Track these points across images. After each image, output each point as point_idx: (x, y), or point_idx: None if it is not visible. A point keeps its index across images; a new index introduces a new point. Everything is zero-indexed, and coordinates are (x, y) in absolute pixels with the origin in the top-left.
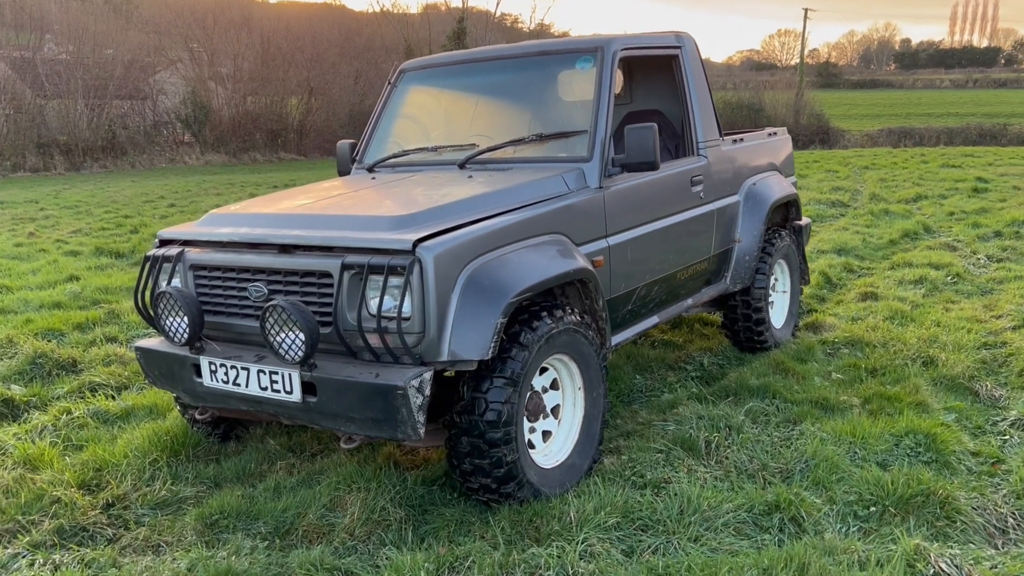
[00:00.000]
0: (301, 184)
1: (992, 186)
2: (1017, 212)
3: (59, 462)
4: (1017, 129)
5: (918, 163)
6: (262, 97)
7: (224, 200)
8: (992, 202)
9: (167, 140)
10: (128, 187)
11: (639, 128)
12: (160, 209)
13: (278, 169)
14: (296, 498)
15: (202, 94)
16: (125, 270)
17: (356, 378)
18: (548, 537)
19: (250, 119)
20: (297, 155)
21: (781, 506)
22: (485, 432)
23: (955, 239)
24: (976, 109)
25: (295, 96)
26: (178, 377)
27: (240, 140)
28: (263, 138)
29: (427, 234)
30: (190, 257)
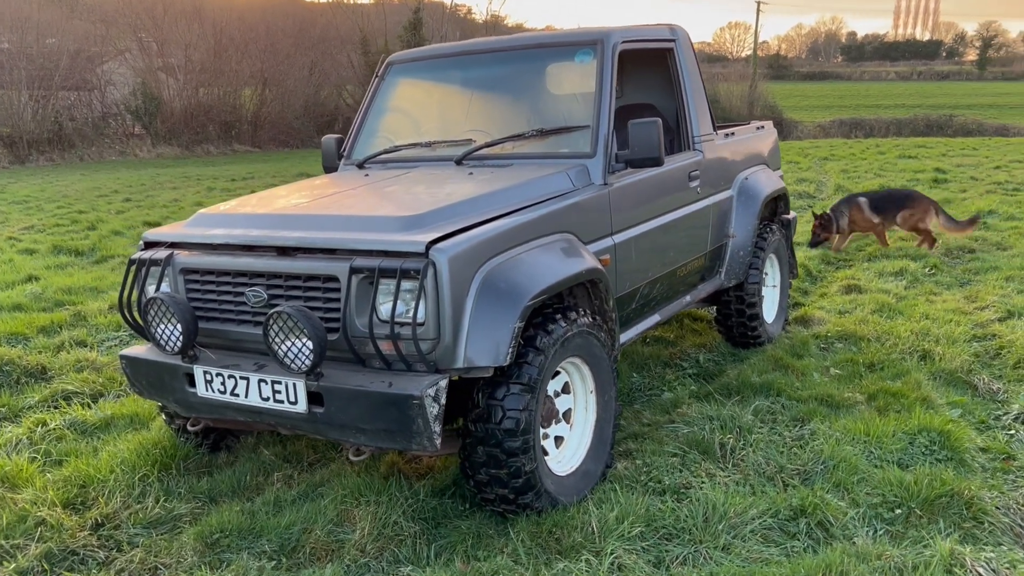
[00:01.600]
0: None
1: (950, 176)
2: (981, 203)
3: (40, 479)
4: (962, 120)
5: (875, 154)
6: (215, 88)
7: (181, 195)
8: (954, 193)
9: (116, 132)
10: (78, 181)
11: (643, 123)
12: (115, 204)
13: (233, 161)
14: (300, 513)
15: (152, 85)
16: (87, 269)
17: (367, 387)
18: (571, 549)
19: (203, 111)
20: (252, 147)
21: (806, 510)
22: (503, 441)
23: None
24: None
25: (249, 87)
26: (169, 387)
27: (193, 132)
28: (216, 130)
29: (440, 235)
30: (180, 260)
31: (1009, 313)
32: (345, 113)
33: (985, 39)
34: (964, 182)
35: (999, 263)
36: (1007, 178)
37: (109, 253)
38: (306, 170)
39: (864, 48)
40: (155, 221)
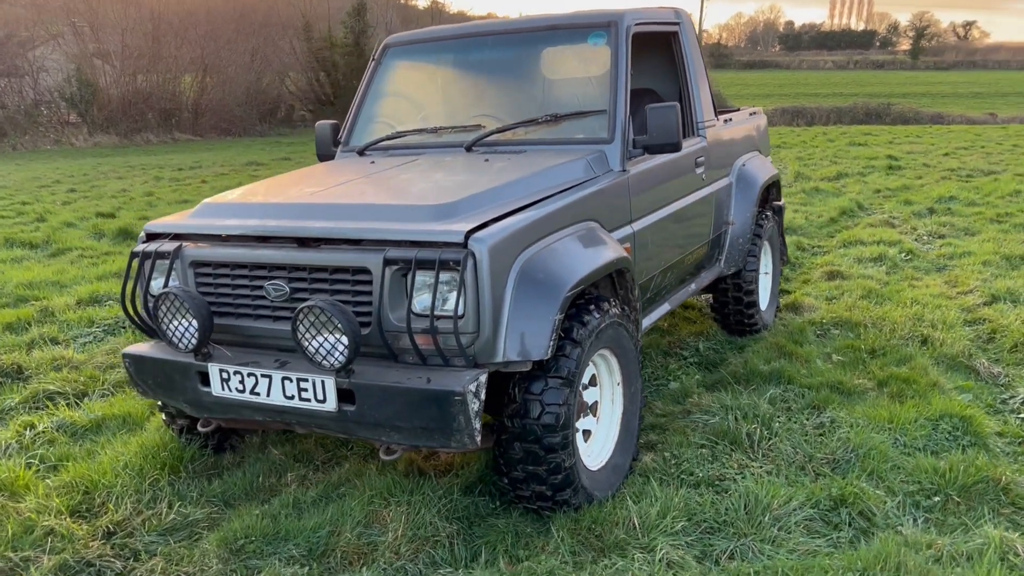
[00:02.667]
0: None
1: (903, 163)
2: (939, 189)
3: (40, 486)
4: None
5: (824, 141)
6: (153, 75)
7: (128, 184)
8: (910, 180)
9: (50, 120)
10: (15, 171)
11: (661, 108)
12: (60, 195)
13: (175, 150)
14: (325, 515)
15: (88, 72)
16: (43, 262)
17: (404, 384)
18: (615, 546)
19: (141, 98)
20: (193, 136)
21: (846, 500)
22: (542, 437)
23: (890, 216)
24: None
25: (188, 74)
26: (179, 387)
27: (131, 120)
28: (156, 118)
29: (477, 225)
30: (190, 253)
31: (993, 297)
32: (288, 100)
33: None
34: (918, 169)
35: (971, 248)
36: (958, 165)
37: (65, 246)
38: (254, 159)
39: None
40: (108, 212)
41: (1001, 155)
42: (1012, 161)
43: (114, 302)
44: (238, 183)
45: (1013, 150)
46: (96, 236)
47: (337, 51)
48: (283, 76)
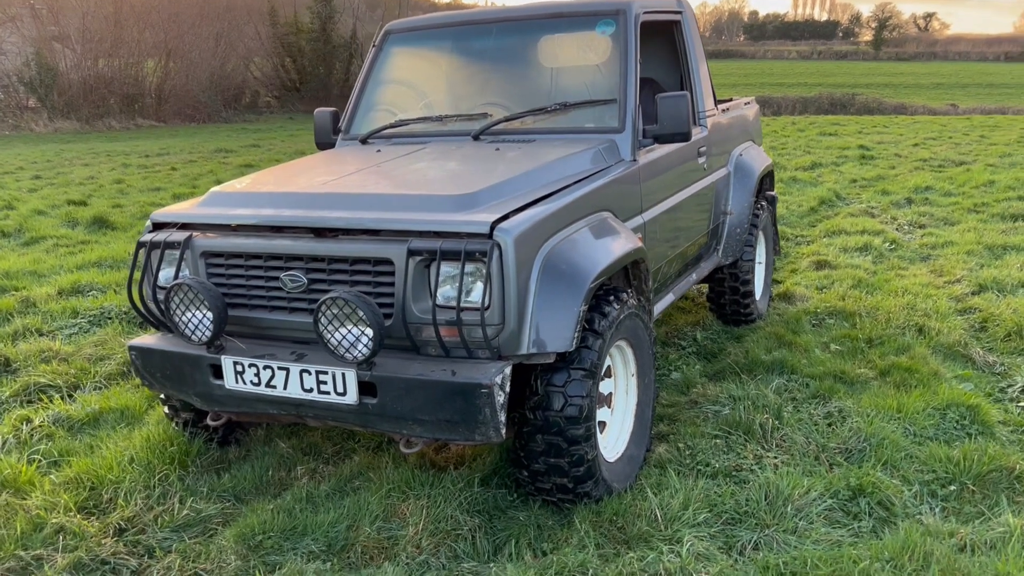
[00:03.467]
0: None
1: (876, 153)
2: (915, 179)
3: (44, 482)
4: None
5: (795, 131)
6: (115, 59)
7: (96, 171)
8: (884, 170)
9: (8, 105)
10: None
11: (672, 97)
12: (24, 181)
13: (138, 137)
14: (341, 509)
15: (47, 55)
16: (18, 251)
17: (428, 376)
18: (639, 539)
19: (103, 83)
20: (156, 122)
21: (865, 490)
22: (565, 429)
23: (869, 205)
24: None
25: (151, 59)
26: (189, 380)
27: (92, 105)
28: (118, 103)
29: (501, 215)
30: (201, 243)
31: (981, 287)
32: (253, 86)
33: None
34: (890, 159)
35: (952, 238)
36: (929, 155)
37: (39, 234)
38: (222, 146)
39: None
40: (78, 200)
41: (969, 145)
42: (980, 151)
43: (97, 292)
44: (209, 171)
45: (980, 140)
46: (69, 224)
47: (303, 37)
48: (248, 62)
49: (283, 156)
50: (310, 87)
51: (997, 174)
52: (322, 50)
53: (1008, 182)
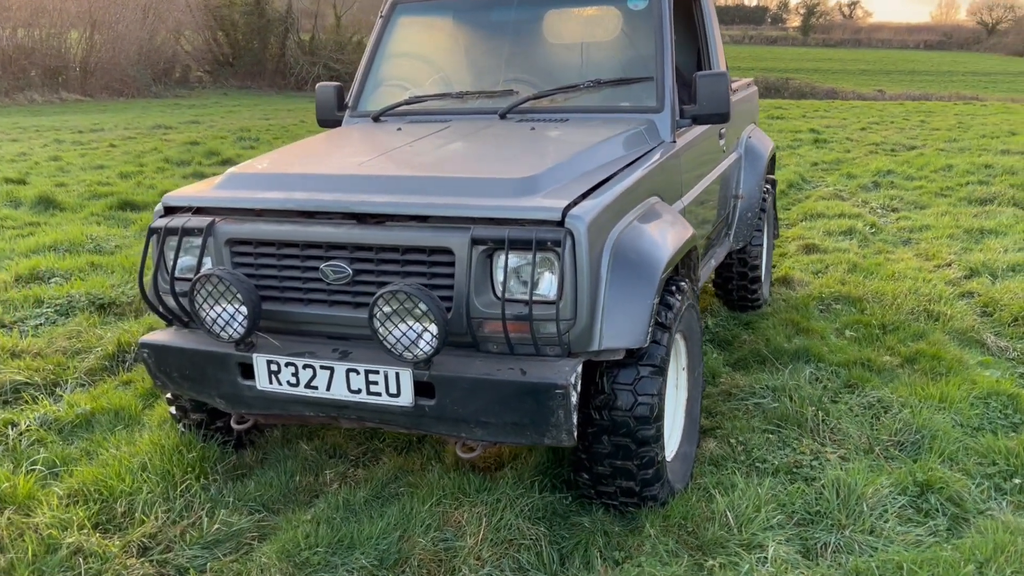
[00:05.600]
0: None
1: (827, 137)
2: (875, 163)
3: (47, 495)
4: (796, 84)
5: None
6: (35, 29)
7: (27, 147)
8: (841, 153)
9: None
10: None
11: (711, 75)
12: None
13: (65, 111)
14: (387, 519)
15: None
16: None
17: (495, 376)
18: (714, 544)
19: (23, 54)
20: (82, 96)
21: (932, 485)
22: (636, 430)
23: (837, 189)
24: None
25: (75, 30)
26: (213, 380)
27: (12, 78)
28: (40, 76)
29: (571, 200)
30: (226, 229)
31: (972, 271)
32: (183, 60)
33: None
34: (843, 143)
35: (928, 221)
36: (880, 139)
37: None
38: (160, 122)
39: None
40: (16, 178)
41: (913, 130)
42: (925, 136)
43: (60, 279)
44: (153, 148)
45: (922, 125)
46: (12, 204)
47: (236, 9)
48: (178, 35)
49: (227, 134)
50: (244, 62)
51: (951, 159)
52: (256, 24)
53: (965, 167)
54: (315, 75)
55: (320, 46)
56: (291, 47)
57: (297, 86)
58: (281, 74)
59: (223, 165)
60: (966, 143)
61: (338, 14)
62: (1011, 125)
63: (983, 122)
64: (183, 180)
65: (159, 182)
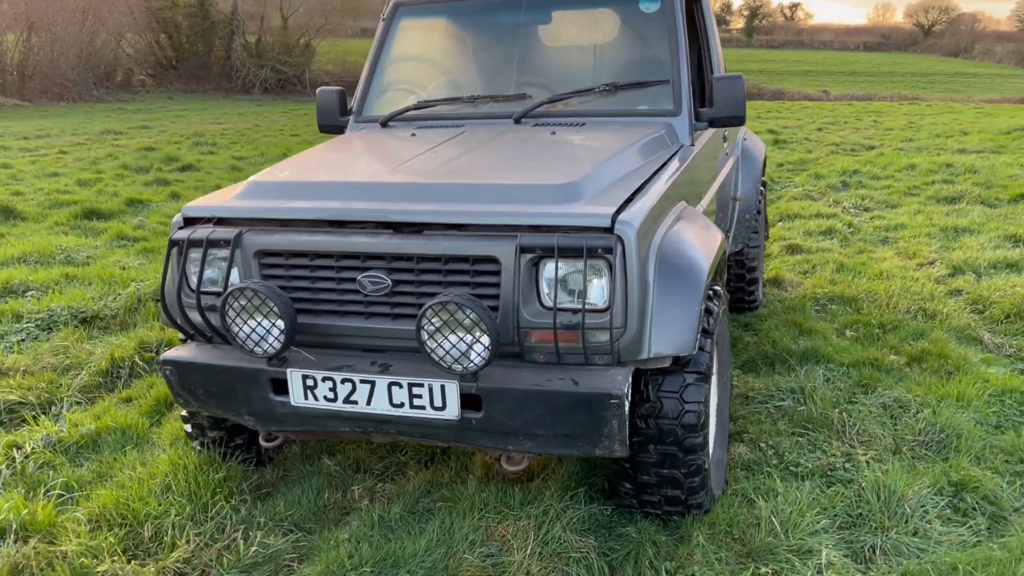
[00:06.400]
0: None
1: (786, 137)
2: (840, 162)
3: (67, 522)
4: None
5: None
6: None
7: None
8: (803, 154)
9: None
10: None
11: (727, 78)
12: None
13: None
14: (429, 535)
15: None
16: None
17: (546, 387)
18: (763, 551)
19: None
20: (21, 100)
21: (967, 485)
22: (683, 438)
23: (807, 189)
24: None
25: (12, 32)
26: (243, 397)
27: None
28: None
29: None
30: (255, 240)
31: (956, 269)
32: (125, 64)
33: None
34: (803, 143)
35: (902, 220)
36: (838, 139)
37: None
38: (109, 127)
39: None
40: None
41: (867, 130)
42: (881, 136)
43: (37, 292)
44: (108, 154)
45: (875, 125)
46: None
47: (179, 11)
48: (119, 37)
49: (181, 139)
50: (188, 65)
51: (912, 158)
52: (200, 26)
53: (928, 166)
54: (262, 78)
55: (267, 48)
56: (237, 50)
57: (244, 89)
58: (227, 77)
59: (185, 171)
60: (922, 143)
61: (284, 16)
62: (959, 124)
63: (932, 121)
64: (145, 187)
65: (121, 189)
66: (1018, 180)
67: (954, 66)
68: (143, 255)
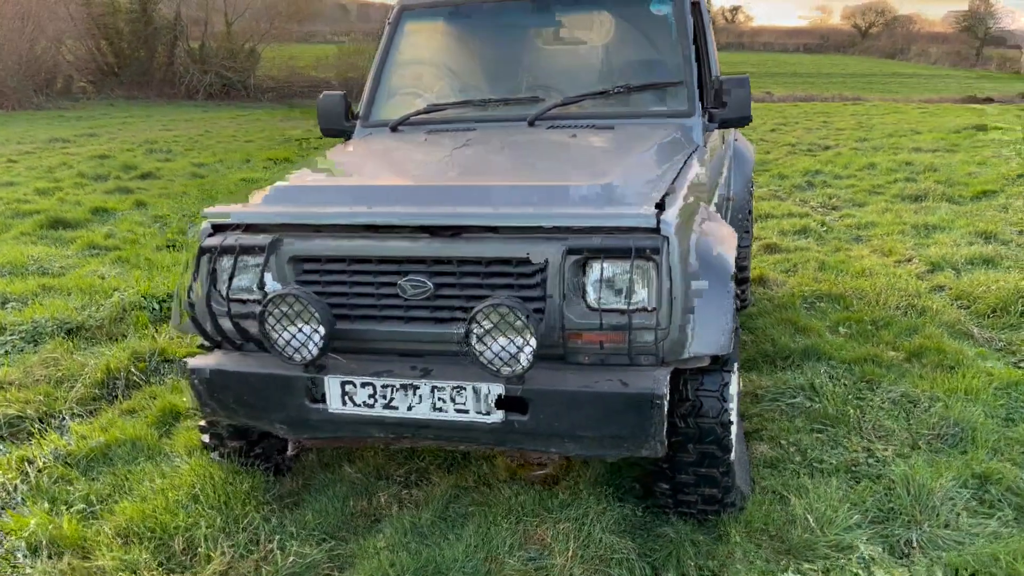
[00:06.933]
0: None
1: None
2: (801, 162)
3: (96, 536)
4: None
5: None
6: None
7: None
8: (761, 155)
9: None
10: None
11: (736, 79)
12: None
13: None
14: (467, 540)
15: None
16: None
17: (595, 388)
18: (803, 548)
19: None
20: None
21: (990, 477)
22: (722, 437)
23: (772, 189)
24: None
25: None
26: (276, 405)
27: None
28: None
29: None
30: (291, 246)
31: (935, 265)
32: (66, 71)
33: None
34: (759, 144)
35: (872, 219)
36: (793, 140)
37: None
38: (56, 135)
39: None
40: None
41: (819, 130)
42: (835, 136)
43: (17, 303)
44: (62, 163)
45: (825, 126)
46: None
47: (121, 17)
48: (59, 44)
49: (133, 146)
50: (130, 71)
51: (871, 157)
52: (143, 32)
53: (888, 165)
54: (206, 83)
55: (211, 54)
56: (180, 55)
57: (188, 95)
58: (170, 83)
59: (145, 179)
60: (877, 142)
61: (229, 21)
62: (908, 124)
63: (881, 121)
64: (108, 195)
65: (83, 198)
66: (977, 178)
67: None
68: (119, 264)
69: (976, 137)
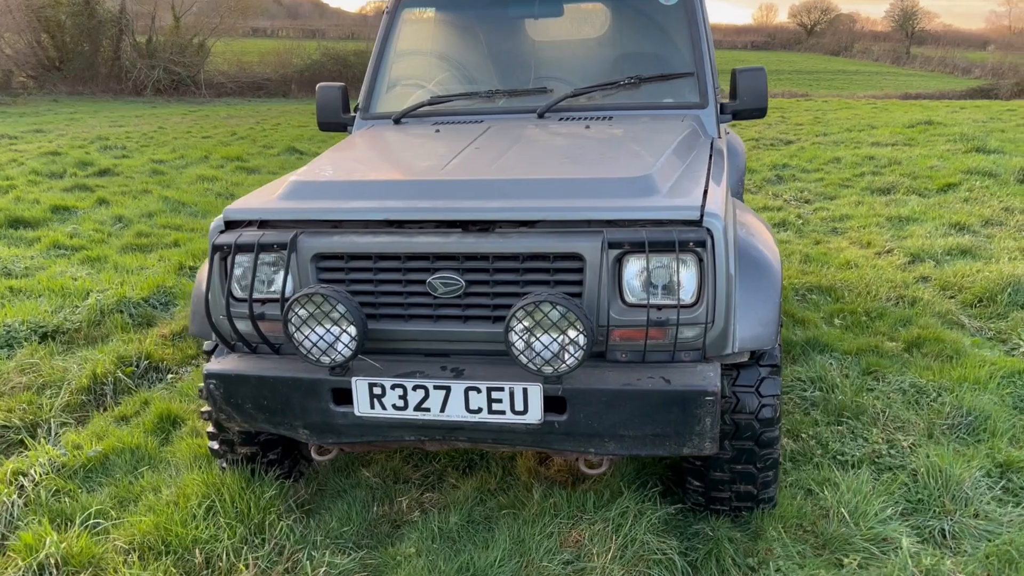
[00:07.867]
0: None
1: None
2: (767, 156)
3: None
4: None
5: None
6: None
7: None
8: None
9: None
10: None
11: (750, 71)
12: None
13: None
14: (500, 545)
15: None
16: None
17: (637, 386)
18: (840, 542)
19: None
20: None
21: (1011, 466)
22: (760, 433)
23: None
24: None
25: None
26: (300, 409)
27: None
28: None
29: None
30: (312, 243)
31: (915, 256)
32: (5, 65)
33: None
34: None
35: (845, 211)
36: (754, 135)
37: None
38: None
39: None
40: None
41: (778, 126)
42: (795, 131)
43: None
44: (10, 159)
45: (783, 121)
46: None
47: (62, 10)
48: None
49: (84, 143)
50: (74, 66)
51: (834, 151)
52: (86, 25)
53: (852, 159)
54: (154, 79)
55: (158, 48)
56: (126, 50)
57: (135, 91)
58: (116, 78)
59: (103, 176)
60: (837, 137)
61: (177, 15)
62: (862, 119)
63: (836, 116)
64: (66, 193)
65: (41, 196)
66: (940, 171)
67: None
68: (88, 264)
69: (929, 131)
